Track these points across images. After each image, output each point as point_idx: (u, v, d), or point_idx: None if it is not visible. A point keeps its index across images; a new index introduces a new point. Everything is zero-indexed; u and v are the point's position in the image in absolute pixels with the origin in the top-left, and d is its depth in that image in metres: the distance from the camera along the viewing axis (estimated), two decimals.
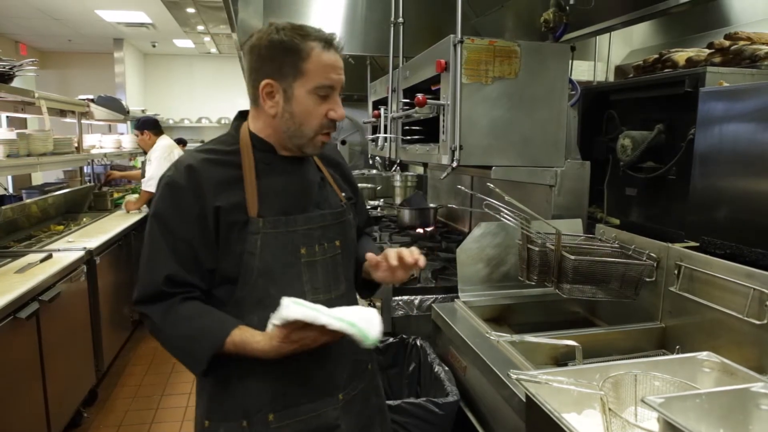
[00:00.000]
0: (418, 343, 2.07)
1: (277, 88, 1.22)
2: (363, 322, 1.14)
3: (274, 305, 1.13)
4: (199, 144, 10.05)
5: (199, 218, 1.23)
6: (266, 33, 1.22)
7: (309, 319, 1.11)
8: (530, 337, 1.59)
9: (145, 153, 4.98)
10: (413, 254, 1.32)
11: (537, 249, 1.84)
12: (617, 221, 2.22)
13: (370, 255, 1.38)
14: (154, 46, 9.55)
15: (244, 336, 1.20)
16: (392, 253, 1.33)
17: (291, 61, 1.20)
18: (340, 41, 1.26)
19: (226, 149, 1.31)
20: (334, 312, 1.15)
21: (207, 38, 8.59)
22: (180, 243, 1.23)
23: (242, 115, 1.37)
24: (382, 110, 2.73)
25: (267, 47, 1.21)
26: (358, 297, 1.56)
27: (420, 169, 4.61)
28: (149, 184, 4.62)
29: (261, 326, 1.19)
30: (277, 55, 1.20)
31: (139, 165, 8.13)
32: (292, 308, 1.12)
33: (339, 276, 1.38)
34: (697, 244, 1.66)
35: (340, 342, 1.21)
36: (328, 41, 1.23)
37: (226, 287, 1.28)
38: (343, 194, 1.46)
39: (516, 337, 1.59)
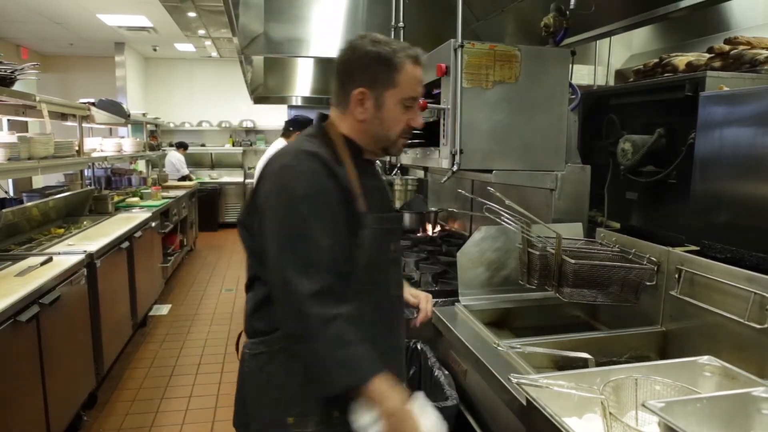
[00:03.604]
0: (419, 346, 2.07)
1: (368, 96, 1.28)
2: None
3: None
4: (200, 147, 9.95)
5: (339, 204, 1.24)
6: (361, 44, 1.28)
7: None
8: (539, 349, 1.60)
9: None
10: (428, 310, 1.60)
11: (537, 253, 1.84)
12: (618, 225, 2.22)
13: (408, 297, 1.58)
14: (155, 49, 9.57)
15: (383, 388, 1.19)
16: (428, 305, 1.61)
17: (385, 72, 1.27)
18: (425, 57, 1.34)
19: (323, 145, 1.30)
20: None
21: (208, 42, 8.61)
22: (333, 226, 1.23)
23: (323, 118, 1.40)
24: None
25: (362, 57, 1.27)
26: None
27: (420, 173, 4.60)
28: None
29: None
30: (371, 66, 1.26)
31: (139, 168, 8.12)
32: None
33: (401, 273, 1.50)
34: (698, 248, 1.66)
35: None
36: (416, 58, 1.30)
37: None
38: None
39: (526, 348, 1.60)
